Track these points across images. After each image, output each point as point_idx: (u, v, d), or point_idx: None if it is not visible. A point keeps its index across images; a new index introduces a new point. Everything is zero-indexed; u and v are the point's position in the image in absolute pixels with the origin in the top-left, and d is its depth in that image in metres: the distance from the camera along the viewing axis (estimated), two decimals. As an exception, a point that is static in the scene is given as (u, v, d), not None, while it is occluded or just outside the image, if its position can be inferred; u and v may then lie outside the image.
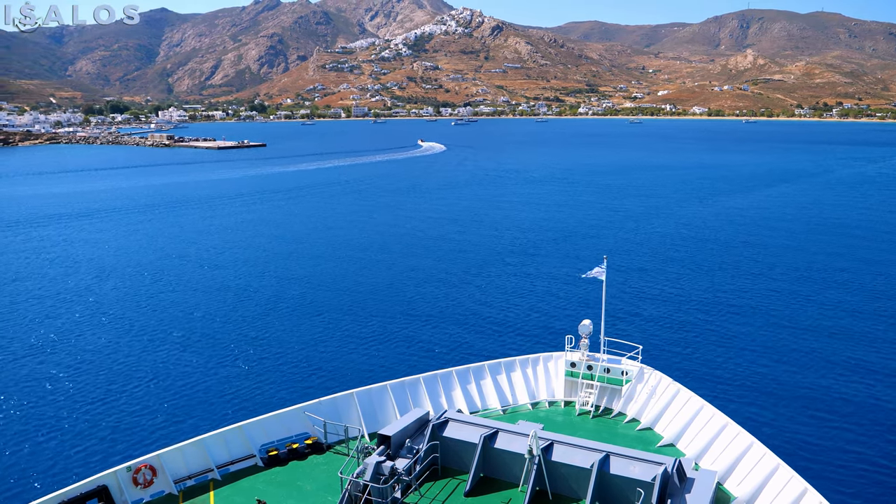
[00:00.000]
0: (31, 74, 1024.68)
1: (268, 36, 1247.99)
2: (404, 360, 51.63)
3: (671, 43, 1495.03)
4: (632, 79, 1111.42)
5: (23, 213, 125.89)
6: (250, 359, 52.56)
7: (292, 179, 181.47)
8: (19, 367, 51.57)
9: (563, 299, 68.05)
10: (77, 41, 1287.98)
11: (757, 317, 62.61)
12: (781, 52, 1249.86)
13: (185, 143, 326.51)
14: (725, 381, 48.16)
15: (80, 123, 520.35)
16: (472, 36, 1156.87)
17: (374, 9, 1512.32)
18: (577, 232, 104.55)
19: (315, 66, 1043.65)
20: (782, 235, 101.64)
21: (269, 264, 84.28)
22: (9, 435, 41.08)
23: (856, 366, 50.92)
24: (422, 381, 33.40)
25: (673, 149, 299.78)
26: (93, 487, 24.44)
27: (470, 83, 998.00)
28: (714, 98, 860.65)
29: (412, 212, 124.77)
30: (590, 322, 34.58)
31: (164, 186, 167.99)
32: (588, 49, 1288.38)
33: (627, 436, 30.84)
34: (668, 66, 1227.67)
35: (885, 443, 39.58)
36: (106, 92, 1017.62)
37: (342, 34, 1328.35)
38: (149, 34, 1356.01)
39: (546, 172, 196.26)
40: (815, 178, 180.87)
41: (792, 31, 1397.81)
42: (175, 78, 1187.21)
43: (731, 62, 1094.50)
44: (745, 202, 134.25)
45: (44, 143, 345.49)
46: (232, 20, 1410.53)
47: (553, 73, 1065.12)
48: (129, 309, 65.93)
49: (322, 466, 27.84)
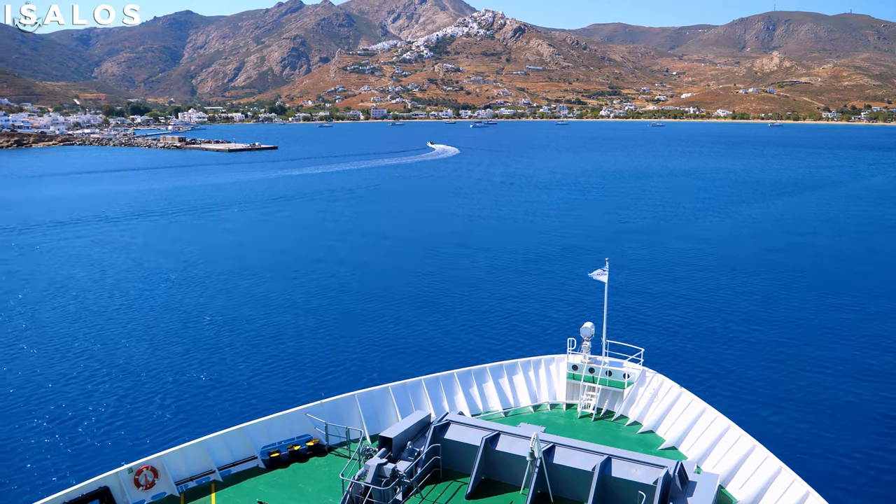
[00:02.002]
0: (58, 76, 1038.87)
1: (290, 38, 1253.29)
2: (406, 362, 51.78)
3: (696, 45, 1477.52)
4: (655, 81, 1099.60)
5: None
6: (252, 360, 52.73)
7: (293, 184, 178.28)
8: (21, 368, 51.68)
9: (564, 302, 67.91)
10: (103, 43, 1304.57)
11: (759, 320, 62.34)
12: (808, 54, 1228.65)
13: (196, 146, 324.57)
14: (728, 383, 48.03)
15: (98, 125, 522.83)
16: (494, 38, 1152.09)
17: (397, 11, 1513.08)
18: (580, 237, 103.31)
19: (336, 68, 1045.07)
20: (794, 240, 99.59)
21: (270, 268, 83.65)
22: (11, 435, 41.14)
23: (860, 370, 50.44)
24: (423, 384, 33.40)
25: (693, 153, 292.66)
26: (94, 489, 24.32)
27: (491, 85, 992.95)
28: (739, 101, 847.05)
29: (414, 215, 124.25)
30: (592, 324, 34.38)
31: (161, 191, 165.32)
32: (611, 51, 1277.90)
33: (629, 439, 30.71)
34: (692, 68, 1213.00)
35: (889, 447, 39.25)
36: (130, 94, 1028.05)
37: (364, 36, 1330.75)
38: (174, 36, 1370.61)
39: (556, 178, 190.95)
40: (842, 185, 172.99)
41: (819, 33, 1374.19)
42: (199, 80, 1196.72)
43: (757, 64, 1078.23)
44: (762, 210, 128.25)
45: (57, 144, 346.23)
46: (255, 22, 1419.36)
47: (575, 76, 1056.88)
48: (130, 311, 66.08)
49: (323, 468, 27.81)
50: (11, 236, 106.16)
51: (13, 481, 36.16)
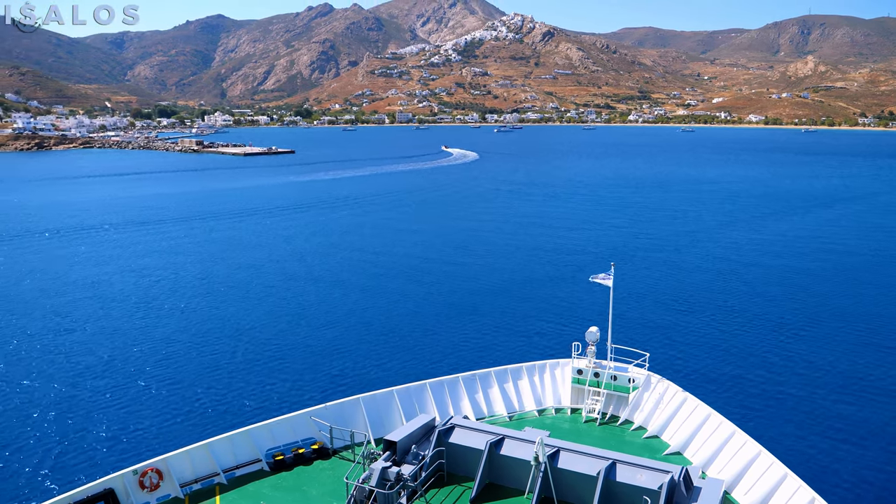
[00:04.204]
0: (92, 79, 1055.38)
1: (320, 41, 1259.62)
2: (411, 366, 51.98)
3: (728, 49, 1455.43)
4: (686, 86, 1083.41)
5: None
6: (257, 364, 52.94)
7: (300, 192, 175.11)
8: (27, 370, 52.00)
9: (570, 306, 67.99)
10: (137, 46, 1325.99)
11: (765, 326, 62.17)
12: (844, 58, 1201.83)
13: (212, 149, 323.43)
14: (733, 389, 47.85)
15: (124, 128, 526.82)
16: (523, 42, 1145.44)
17: (426, 15, 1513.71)
18: (585, 241, 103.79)
19: (364, 72, 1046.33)
20: (803, 247, 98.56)
21: (276, 272, 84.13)
22: (17, 437, 41.40)
23: (867, 377, 50.12)
24: (428, 388, 33.28)
25: (718, 161, 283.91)
26: (99, 490, 24.35)
27: (519, 89, 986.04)
28: (772, 106, 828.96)
29: (420, 221, 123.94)
30: (597, 329, 34.17)
31: (159, 197, 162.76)
32: (641, 55, 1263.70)
33: (634, 443, 30.52)
34: (724, 72, 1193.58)
35: (895, 454, 39.03)
36: (162, 97, 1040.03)
37: (394, 40, 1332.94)
38: (205, 40, 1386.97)
39: (572, 187, 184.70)
40: (878, 197, 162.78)
41: (855, 37, 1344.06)
42: (229, 83, 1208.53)
43: (791, 69, 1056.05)
44: (788, 225, 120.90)
45: (77, 147, 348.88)
46: (286, 26, 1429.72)
47: (604, 80, 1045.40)
48: (135, 314, 66.54)
49: (328, 472, 27.80)
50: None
51: (20, 482, 36.53)
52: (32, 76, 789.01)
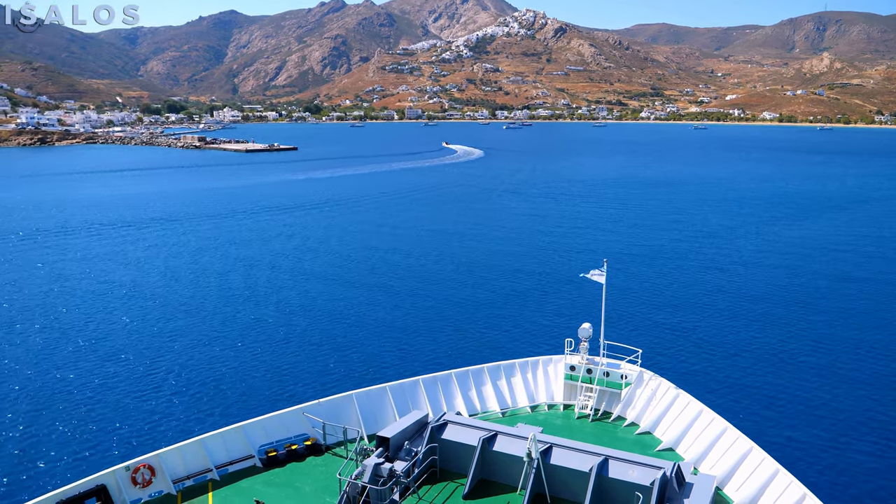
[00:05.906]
0: (104, 74, 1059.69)
1: (332, 37, 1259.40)
2: (404, 362, 51.94)
3: (742, 46, 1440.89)
4: (699, 82, 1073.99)
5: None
6: (250, 359, 52.86)
7: (292, 191, 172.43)
8: (19, 367, 51.71)
9: (563, 303, 68.00)
10: (150, 42, 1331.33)
11: (757, 322, 62.34)
12: (860, 55, 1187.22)
13: (214, 146, 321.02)
14: (725, 385, 48.06)
15: (132, 123, 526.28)
16: (535, 38, 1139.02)
17: (438, 10, 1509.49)
18: (578, 238, 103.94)
19: (375, 68, 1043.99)
20: (801, 249, 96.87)
21: (267, 269, 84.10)
22: (8, 434, 41.12)
23: (857, 372, 50.54)
24: (421, 384, 33.23)
25: (729, 159, 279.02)
26: (91, 487, 24.28)
27: (530, 86, 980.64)
28: (786, 103, 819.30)
29: (414, 218, 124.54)
30: (589, 325, 34.09)
31: (145, 195, 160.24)
32: (654, 52, 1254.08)
33: (626, 440, 30.59)
34: (738, 69, 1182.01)
35: (885, 449, 39.37)
36: (174, 92, 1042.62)
37: (405, 36, 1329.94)
38: (218, 35, 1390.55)
39: (573, 187, 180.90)
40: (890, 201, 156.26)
41: (872, 34, 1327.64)
42: (241, 78, 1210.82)
43: (806, 66, 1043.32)
44: (774, 219, 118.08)
45: (81, 142, 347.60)
46: (298, 22, 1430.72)
47: (617, 76, 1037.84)
48: (127, 310, 66.08)
49: (320, 468, 27.79)
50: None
51: (11, 479, 36.34)
52: (45, 71, 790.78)
